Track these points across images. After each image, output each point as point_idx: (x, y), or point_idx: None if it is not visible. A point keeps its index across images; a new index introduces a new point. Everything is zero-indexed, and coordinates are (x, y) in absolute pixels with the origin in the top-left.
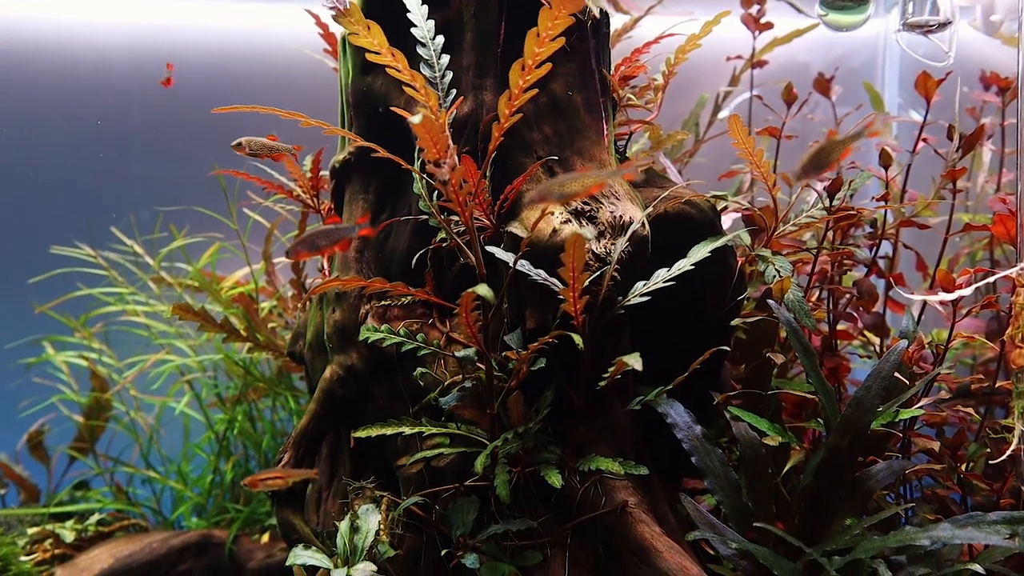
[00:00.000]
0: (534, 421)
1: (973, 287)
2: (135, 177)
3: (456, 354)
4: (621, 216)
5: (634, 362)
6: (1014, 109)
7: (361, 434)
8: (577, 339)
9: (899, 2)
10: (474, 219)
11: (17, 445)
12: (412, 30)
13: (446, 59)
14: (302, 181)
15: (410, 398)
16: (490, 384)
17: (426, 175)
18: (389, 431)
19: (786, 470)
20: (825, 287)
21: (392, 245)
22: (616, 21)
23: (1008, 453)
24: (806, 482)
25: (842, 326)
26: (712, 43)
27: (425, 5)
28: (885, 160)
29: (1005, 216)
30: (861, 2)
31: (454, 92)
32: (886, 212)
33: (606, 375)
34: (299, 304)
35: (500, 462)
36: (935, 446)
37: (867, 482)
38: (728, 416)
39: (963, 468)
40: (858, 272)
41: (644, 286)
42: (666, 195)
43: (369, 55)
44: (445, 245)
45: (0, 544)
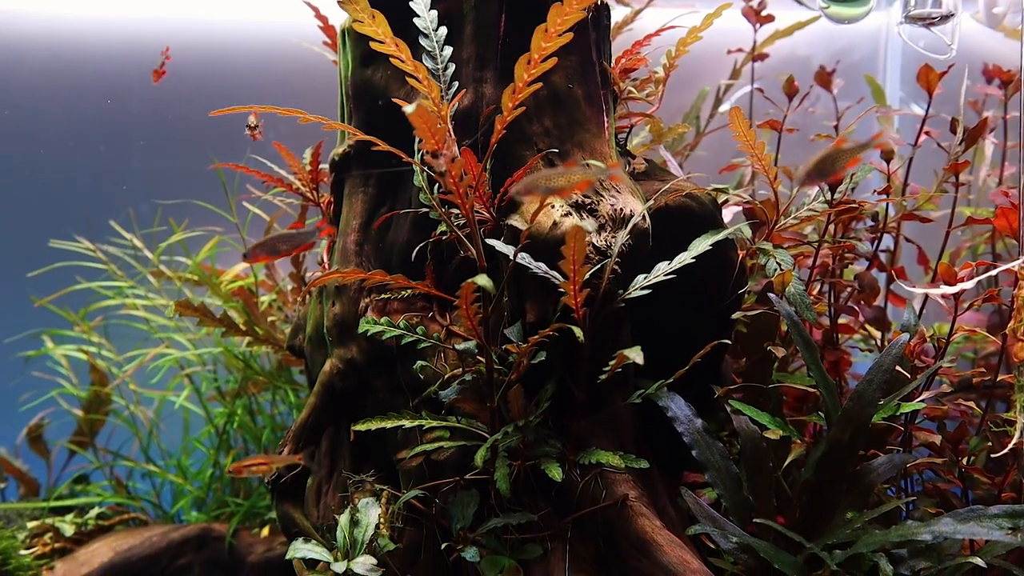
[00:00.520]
0: (534, 414)
1: (975, 280)
2: (134, 171)
3: (456, 347)
4: (622, 209)
5: (635, 355)
6: (1016, 102)
7: (361, 427)
8: (578, 332)
9: None
10: (474, 212)
11: (17, 439)
12: (415, 20)
13: (449, 51)
14: (301, 174)
15: (410, 391)
16: (490, 377)
17: (426, 167)
18: (389, 424)
19: (787, 464)
20: (826, 281)
21: (392, 238)
22: (617, 14)
23: (1010, 447)
24: (807, 476)
25: (843, 320)
26: (713, 36)
27: None
28: (886, 153)
29: (1007, 209)
30: None
31: (456, 84)
32: (887, 206)
33: (607, 368)
34: (299, 297)
35: (500, 455)
36: (936, 440)
37: (868, 476)
38: (729, 410)
39: (964, 462)
40: (859, 266)
41: (645, 279)
42: (667, 188)
43: (373, 44)
44: (445, 238)
45: (0, 538)
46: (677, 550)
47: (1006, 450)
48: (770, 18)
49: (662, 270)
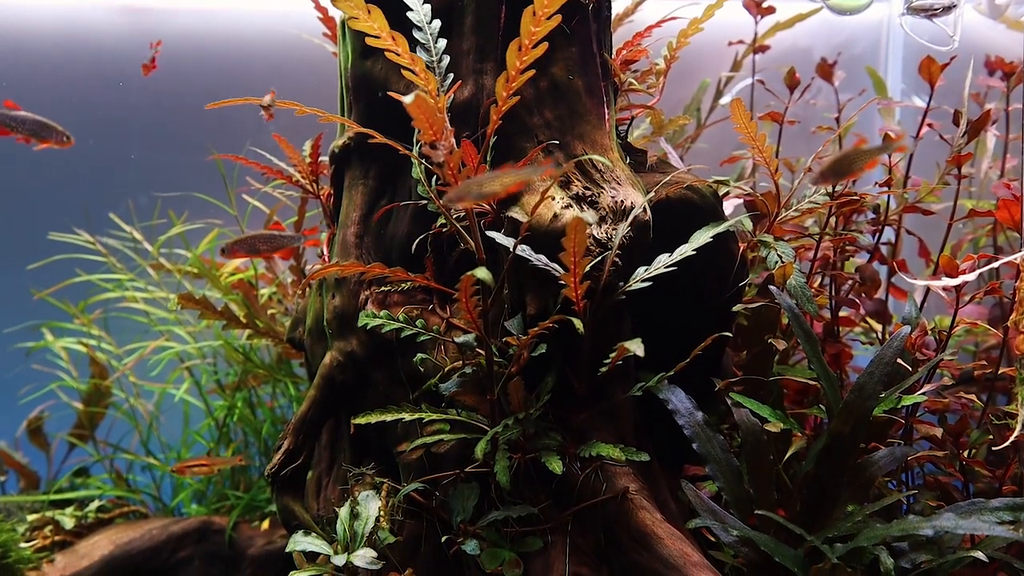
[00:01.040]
0: (535, 407)
1: (976, 273)
2: (133, 163)
3: (456, 340)
4: (622, 201)
5: (636, 348)
6: (1019, 94)
7: (361, 420)
8: (578, 324)
9: None
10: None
11: (17, 432)
12: (409, 14)
13: (443, 43)
14: (301, 166)
15: (410, 384)
16: (490, 370)
17: (424, 159)
18: (389, 417)
19: (788, 456)
20: (827, 273)
21: (392, 231)
22: (618, 5)
23: (1011, 440)
24: (808, 468)
25: (844, 312)
26: (714, 27)
27: None
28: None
29: (1009, 202)
30: None
31: (452, 76)
32: (889, 198)
33: (607, 361)
34: (298, 290)
35: (500, 448)
36: (937, 433)
37: (869, 468)
38: (729, 402)
39: (965, 455)
40: (861, 258)
41: (645, 271)
42: (668, 180)
43: (369, 39)
44: (445, 230)
45: (0, 531)
46: (678, 543)
47: (1007, 443)
48: (771, 10)
49: (663, 262)
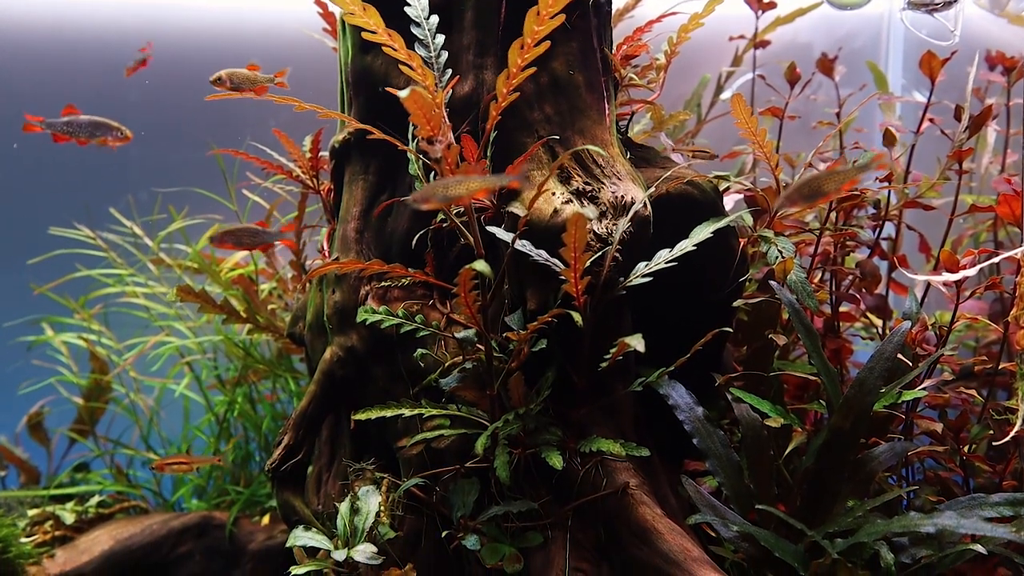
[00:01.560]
0: (535, 402)
1: (977, 268)
2: (134, 158)
3: (456, 335)
4: (623, 196)
5: (636, 343)
6: (1020, 89)
7: (361, 416)
8: (578, 319)
9: None
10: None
11: (17, 427)
12: (406, 9)
13: (441, 39)
14: (301, 162)
15: (410, 379)
16: (490, 365)
17: (422, 155)
18: (389, 413)
19: (788, 452)
20: (828, 268)
21: (392, 226)
22: (618, 0)
23: (1011, 435)
24: (808, 464)
25: (845, 308)
26: (715, 23)
27: None
28: (888, 141)
29: (1010, 197)
30: None
31: (450, 71)
32: (889, 193)
33: (607, 356)
34: (299, 285)
35: (501, 443)
36: (938, 428)
37: (869, 464)
38: (730, 398)
39: (966, 450)
40: (861, 254)
41: (646, 267)
42: (668, 175)
43: (365, 35)
44: (445, 226)
45: (0, 526)
46: (678, 538)
47: (1007, 438)
48: (772, 5)
49: (663, 258)
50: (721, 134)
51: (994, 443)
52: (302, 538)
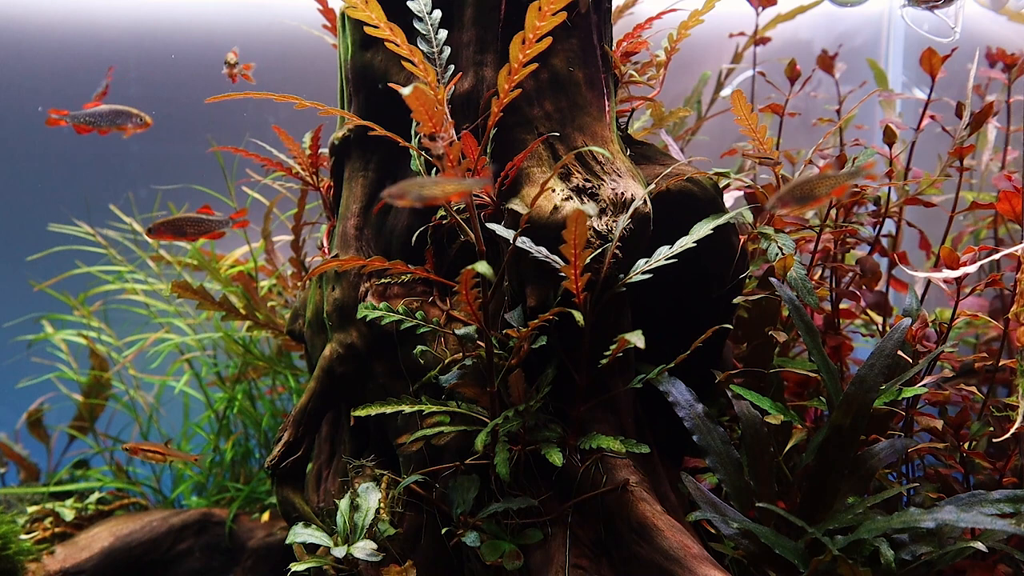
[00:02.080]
0: (535, 399)
1: (977, 265)
2: (133, 155)
3: (456, 332)
4: (623, 193)
5: (636, 340)
6: (1020, 86)
7: (361, 412)
8: (578, 316)
9: None
10: (474, 196)
11: (17, 424)
12: (409, 3)
13: (444, 34)
14: (301, 158)
15: (410, 376)
16: (490, 362)
17: (423, 151)
18: (389, 409)
19: (788, 449)
20: (828, 265)
21: (392, 222)
22: None
23: (1011, 432)
24: (808, 461)
25: (845, 305)
26: (715, 19)
27: None
28: (889, 138)
29: (1010, 194)
30: None
31: (452, 68)
32: (890, 190)
33: (608, 353)
34: (298, 282)
35: (500, 440)
36: (938, 425)
37: (869, 460)
38: (730, 395)
39: (966, 447)
40: (861, 251)
41: (646, 264)
42: (668, 172)
43: (367, 29)
44: (445, 222)
45: (0, 523)
46: (678, 535)
47: (1008, 435)
48: (772, 1)
49: (663, 254)
50: (721, 131)
51: (994, 440)
52: (302, 535)
